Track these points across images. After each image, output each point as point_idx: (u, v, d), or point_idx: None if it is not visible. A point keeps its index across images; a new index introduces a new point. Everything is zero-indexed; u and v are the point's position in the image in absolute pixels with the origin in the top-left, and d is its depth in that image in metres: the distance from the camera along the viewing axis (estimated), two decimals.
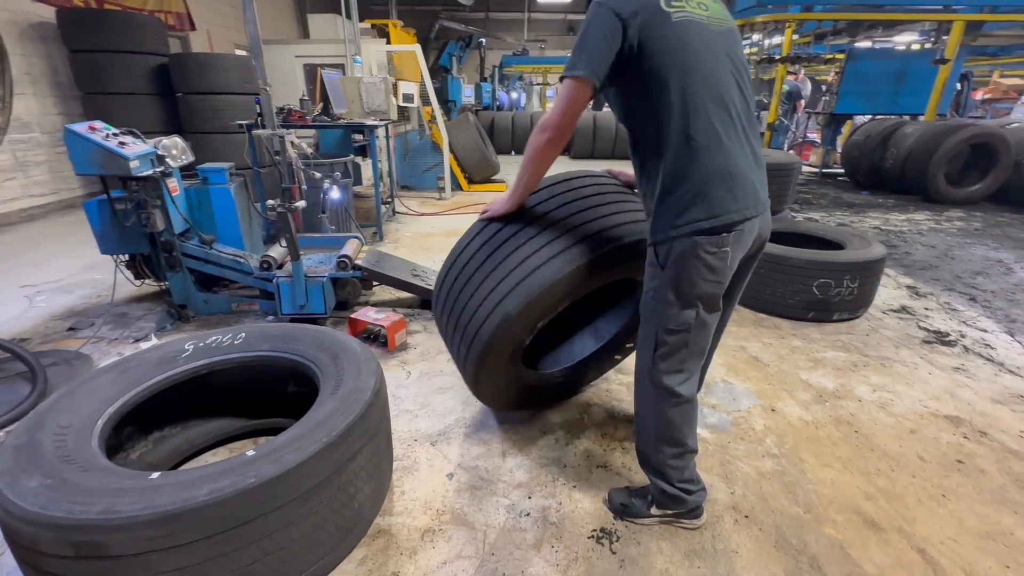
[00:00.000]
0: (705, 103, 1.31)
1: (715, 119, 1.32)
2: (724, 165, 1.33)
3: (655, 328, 1.45)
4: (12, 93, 2.07)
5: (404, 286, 3.23)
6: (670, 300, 1.39)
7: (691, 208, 1.33)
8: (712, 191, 1.32)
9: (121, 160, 2.29)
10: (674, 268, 1.37)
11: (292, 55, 6.56)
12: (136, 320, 3.16)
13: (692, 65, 1.31)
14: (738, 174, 1.35)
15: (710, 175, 1.32)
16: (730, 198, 1.33)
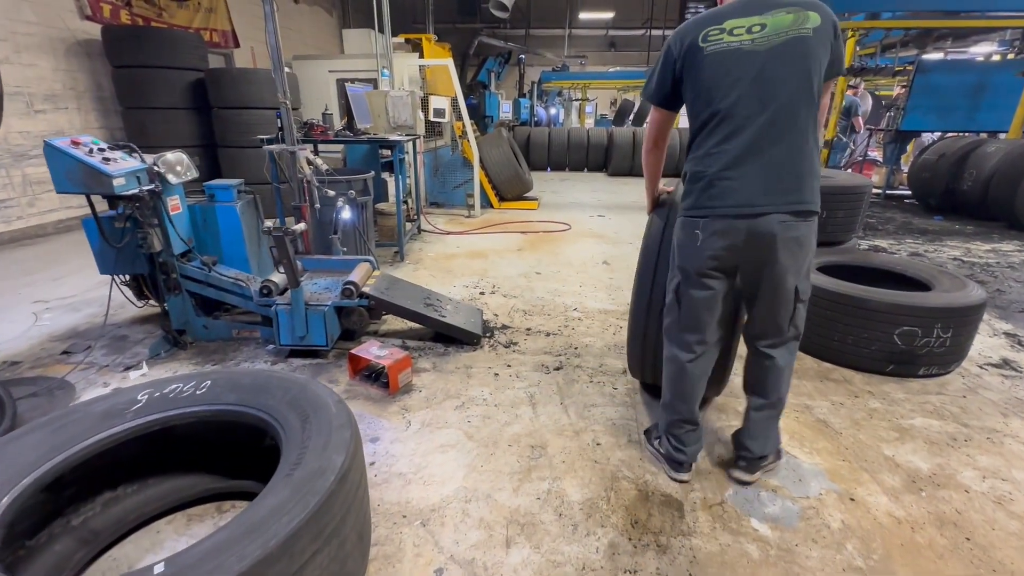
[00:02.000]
0: (710, 121, 1.60)
1: (715, 135, 1.60)
2: (707, 172, 1.61)
3: (669, 288, 1.82)
4: (1, 107, 1.89)
5: (414, 317, 2.92)
6: (672, 263, 1.80)
7: (686, 197, 1.70)
8: (693, 189, 1.66)
9: (103, 177, 2.10)
10: (675, 238, 1.77)
11: (326, 70, 6.50)
12: (134, 344, 2.98)
13: (708, 93, 1.58)
14: (722, 179, 1.59)
15: (695, 178, 1.66)
16: (705, 197, 1.62)
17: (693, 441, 1.87)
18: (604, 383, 2.59)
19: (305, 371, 2.68)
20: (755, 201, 1.54)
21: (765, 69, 1.51)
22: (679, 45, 1.59)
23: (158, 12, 7.00)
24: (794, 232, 1.56)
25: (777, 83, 1.50)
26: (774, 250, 1.57)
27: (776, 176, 1.54)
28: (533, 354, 2.90)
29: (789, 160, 1.54)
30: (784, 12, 1.52)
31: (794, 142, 1.54)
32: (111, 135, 6.31)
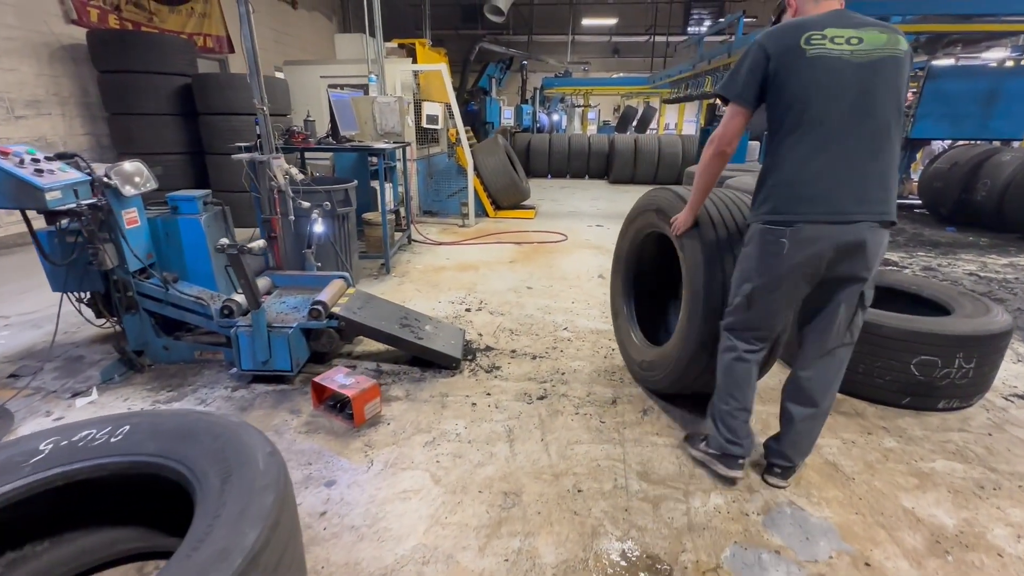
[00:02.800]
0: (802, 126, 1.57)
1: (807, 141, 1.58)
2: (797, 178, 1.60)
3: (733, 293, 1.79)
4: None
5: (388, 339, 2.71)
6: (741, 272, 1.75)
7: (765, 203, 1.66)
8: (777, 195, 1.64)
9: (35, 191, 1.91)
10: (750, 245, 1.72)
11: (317, 76, 6.35)
12: (89, 366, 2.78)
13: (806, 97, 1.55)
14: (814, 186, 1.58)
15: (781, 184, 1.63)
16: (793, 204, 1.60)
17: (748, 433, 1.88)
18: (591, 415, 2.37)
19: (267, 399, 2.47)
20: (848, 209, 1.56)
21: (865, 81, 1.53)
22: (775, 44, 1.57)
23: (148, 17, 6.88)
24: (880, 239, 1.61)
25: (876, 97, 1.54)
26: (862, 257, 1.60)
27: (868, 186, 1.57)
28: (516, 380, 2.68)
29: (881, 173, 1.58)
30: (877, 31, 1.56)
31: (887, 156, 1.58)
32: (97, 141, 6.17)
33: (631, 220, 2.70)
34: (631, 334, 2.74)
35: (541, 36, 18.62)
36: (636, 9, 17.71)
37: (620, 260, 2.87)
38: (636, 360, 2.62)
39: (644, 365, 2.53)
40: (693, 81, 10.45)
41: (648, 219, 2.50)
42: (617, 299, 2.90)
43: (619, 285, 2.88)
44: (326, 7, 12.71)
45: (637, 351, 2.63)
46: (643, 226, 2.58)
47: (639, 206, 2.61)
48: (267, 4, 10.13)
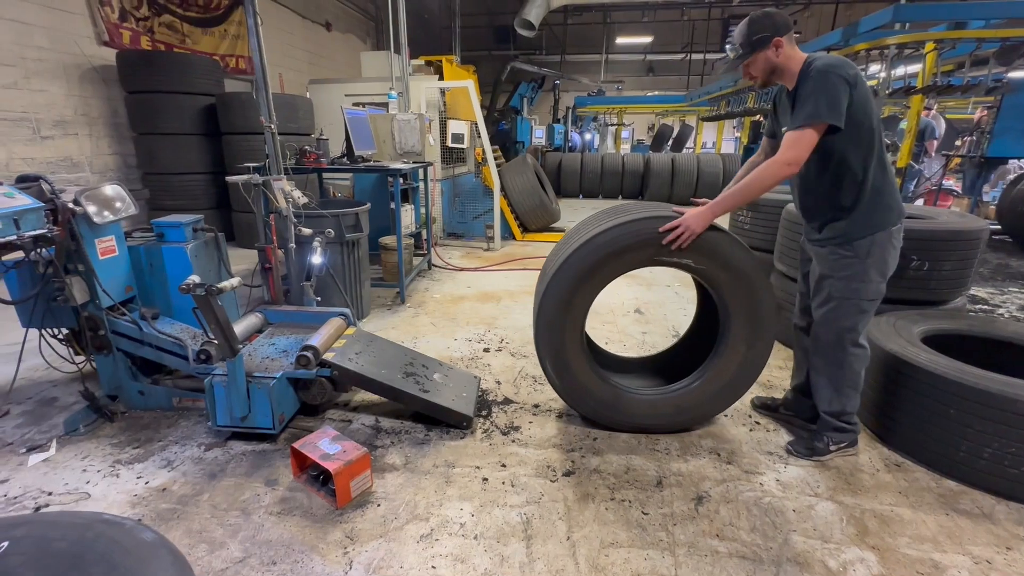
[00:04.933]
0: (877, 145, 1.85)
1: (884, 157, 1.89)
2: (894, 187, 1.92)
3: (856, 302, 1.94)
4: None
5: (387, 392, 2.30)
6: (872, 278, 1.92)
7: (888, 211, 1.89)
8: (887, 203, 1.89)
9: None
10: (871, 255, 1.89)
11: (343, 94, 6.17)
12: (61, 411, 2.48)
13: (877, 120, 1.84)
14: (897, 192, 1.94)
15: (888, 193, 1.90)
16: (900, 208, 1.92)
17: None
18: (630, 503, 1.88)
19: (243, 462, 2.09)
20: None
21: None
22: (853, 74, 1.74)
23: (181, 39, 6.91)
24: None
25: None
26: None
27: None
28: (538, 446, 2.22)
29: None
30: None
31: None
32: (124, 161, 6.14)
33: (604, 260, 2.04)
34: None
35: (574, 56, 18.43)
36: (672, 27, 17.32)
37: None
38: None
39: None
40: (734, 98, 9.93)
41: (645, 254, 2.02)
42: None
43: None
44: (360, 29, 12.84)
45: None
46: (633, 263, 2.06)
47: (620, 240, 2.02)
48: (303, 27, 10.24)
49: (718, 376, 2.19)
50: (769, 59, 1.84)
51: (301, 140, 5.32)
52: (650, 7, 16.39)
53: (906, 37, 5.27)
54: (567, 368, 2.20)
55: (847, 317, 1.95)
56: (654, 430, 2.30)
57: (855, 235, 1.87)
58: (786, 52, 1.83)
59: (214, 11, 7.39)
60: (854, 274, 1.90)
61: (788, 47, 1.83)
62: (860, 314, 1.94)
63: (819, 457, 2.12)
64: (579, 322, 2.15)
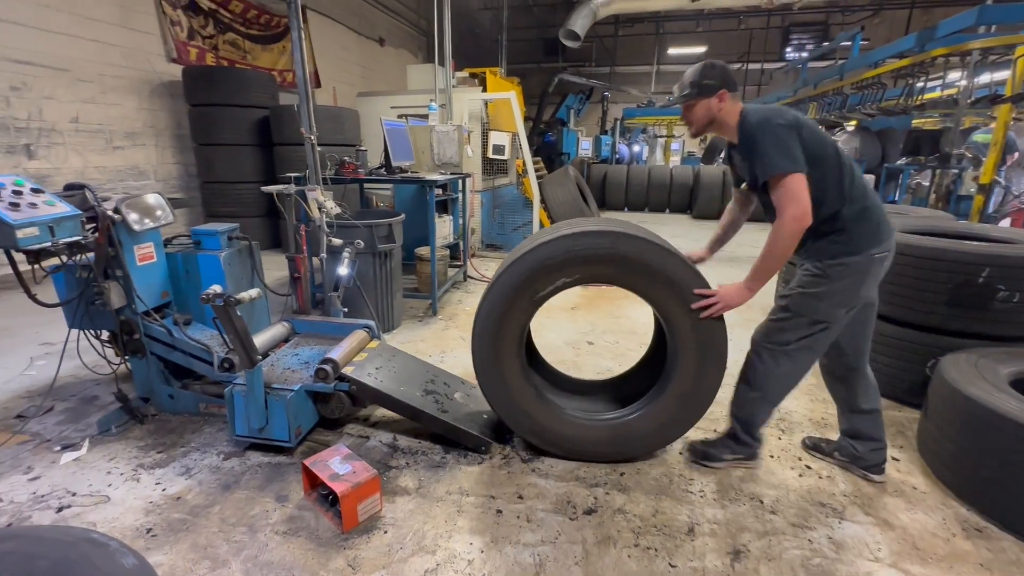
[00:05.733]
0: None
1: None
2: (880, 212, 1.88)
3: (807, 318, 1.87)
4: None
5: (405, 411, 2.22)
6: (837, 300, 1.83)
7: (865, 238, 1.82)
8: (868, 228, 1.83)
9: (4, 227, 1.67)
10: (847, 278, 1.81)
11: (388, 106, 6.30)
12: (99, 410, 2.57)
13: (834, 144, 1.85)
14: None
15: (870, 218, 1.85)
16: (884, 233, 1.84)
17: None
18: (656, 552, 1.70)
19: (257, 475, 2.07)
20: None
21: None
22: (790, 117, 1.76)
23: (243, 55, 7.30)
24: None
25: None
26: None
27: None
28: (559, 478, 2.07)
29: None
30: None
31: None
32: (185, 170, 6.51)
33: (536, 275, 1.97)
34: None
35: (624, 67, 18.20)
36: (728, 36, 16.77)
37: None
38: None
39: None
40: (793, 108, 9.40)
41: (581, 272, 1.96)
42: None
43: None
44: (412, 44, 13.20)
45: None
46: (569, 280, 1.98)
47: (553, 256, 1.95)
48: (357, 42, 10.63)
49: (662, 410, 2.06)
50: (710, 108, 1.85)
51: (344, 151, 5.45)
52: (705, 16, 15.97)
53: (992, 41, 4.78)
54: (502, 382, 2.10)
55: (790, 331, 1.89)
56: (591, 458, 2.16)
57: (829, 255, 1.81)
58: (727, 107, 1.84)
59: (274, 29, 7.78)
60: (817, 293, 1.83)
61: (730, 102, 1.85)
62: (802, 329, 1.87)
63: (710, 463, 2.12)
64: (515, 336, 2.07)
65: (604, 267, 1.93)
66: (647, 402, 2.11)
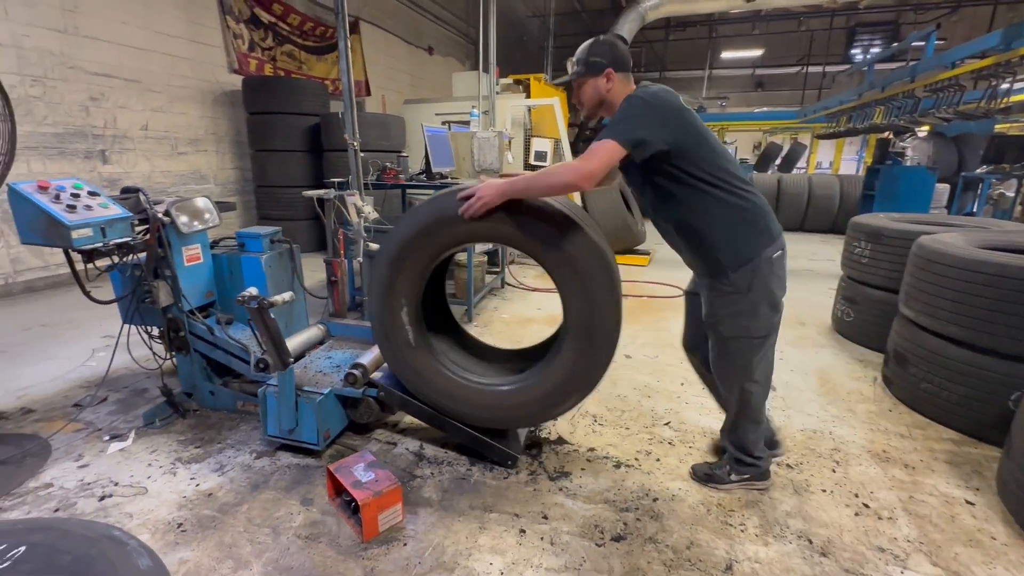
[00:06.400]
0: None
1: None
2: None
3: (748, 340, 1.78)
4: (15, 151, 1.64)
5: (431, 420, 2.19)
6: (762, 312, 1.75)
7: (762, 235, 1.75)
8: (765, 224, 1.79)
9: (61, 228, 1.77)
10: (759, 285, 1.73)
11: (433, 113, 6.39)
12: (147, 403, 2.69)
13: (720, 146, 1.76)
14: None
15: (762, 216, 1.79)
16: (775, 230, 1.79)
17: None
18: None
19: (285, 476, 2.09)
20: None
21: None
22: (665, 98, 1.67)
23: (299, 65, 7.63)
24: None
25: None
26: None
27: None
28: (588, 499, 1.97)
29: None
30: None
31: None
32: (242, 175, 6.84)
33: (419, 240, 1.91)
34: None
35: (674, 72, 17.77)
36: (786, 38, 16.05)
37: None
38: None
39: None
40: (857, 113, 8.85)
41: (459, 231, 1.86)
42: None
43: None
44: (459, 52, 13.41)
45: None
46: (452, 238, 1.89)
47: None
48: (406, 51, 10.90)
49: (543, 385, 1.97)
50: (598, 88, 1.75)
51: (389, 157, 5.56)
52: (762, 18, 15.36)
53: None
54: (396, 333, 2.04)
55: (741, 355, 1.82)
56: (473, 421, 2.11)
57: (730, 267, 1.72)
58: (616, 88, 1.74)
59: (328, 40, 8.09)
60: (741, 310, 1.75)
61: (620, 83, 1.74)
62: (754, 351, 1.80)
63: (717, 485, 2.02)
64: (410, 292, 1.99)
65: (490, 224, 1.80)
66: (530, 376, 2.03)
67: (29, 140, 4.55)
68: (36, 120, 4.60)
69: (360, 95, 9.02)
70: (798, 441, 2.41)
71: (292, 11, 7.43)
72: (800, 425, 2.55)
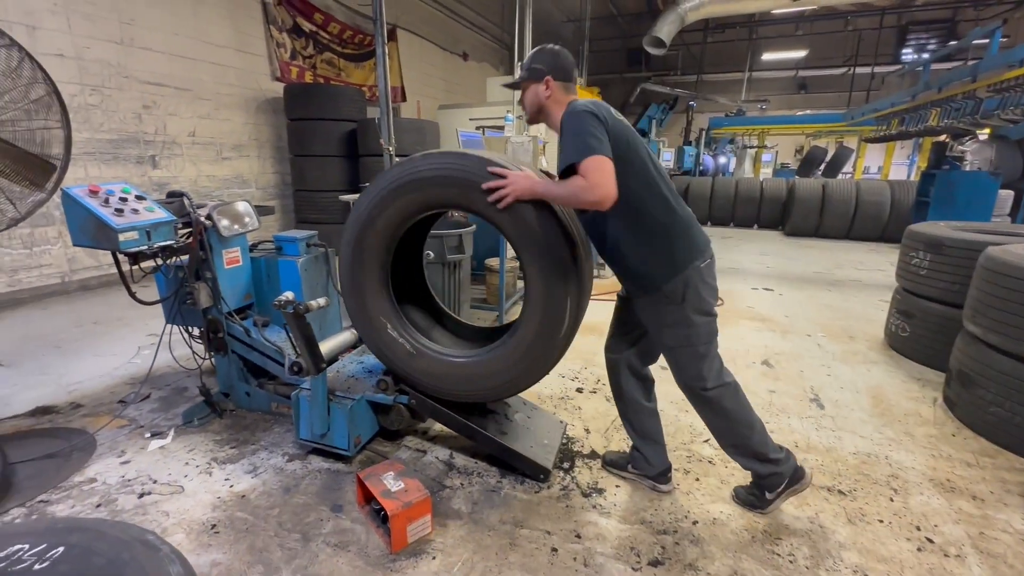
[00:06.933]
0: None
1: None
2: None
3: (691, 348, 1.76)
4: (70, 156, 1.70)
5: (463, 430, 2.15)
6: (697, 321, 1.74)
7: (685, 252, 1.73)
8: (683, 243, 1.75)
9: (110, 231, 1.82)
10: (691, 296, 1.72)
11: (467, 118, 6.41)
12: (187, 401, 2.76)
13: (651, 160, 1.72)
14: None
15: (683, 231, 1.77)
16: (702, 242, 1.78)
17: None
18: None
19: (316, 480, 2.09)
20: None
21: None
22: (600, 111, 1.64)
23: (337, 72, 7.81)
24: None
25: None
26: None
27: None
28: (622, 519, 1.89)
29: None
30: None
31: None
32: (282, 179, 7.04)
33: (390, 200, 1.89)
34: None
35: (712, 75, 17.36)
36: (831, 39, 15.46)
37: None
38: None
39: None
40: (911, 115, 8.40)
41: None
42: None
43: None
44: (494, 57, 13.48)
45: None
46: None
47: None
48: (442, 58, 11.03)
49: (498, 361, 1.94)
50: (538, 94, 1.76)
51: None
52: (806, 18, 14.85)
53: None
54: (363, 297, 2.04)
55: (690, 365, 1.80)
56: (435, 392, 2.09)
57: (661, 279, 1.71)
58: (554, 96, 1.75)
59: (367, 47, 8.25)
60: (678, 320, 1.75)
61: (559, 92, 1.75)
62: (700, 359, 1.78)
63: (760, 510, 1.93)
64: (376, 260, 1.99)
65: (440, 189, 1.80)
66: (487, 352, 1.99)
67: (87, 146, 4.80)
68: (94, 127, 4.84)
69: (396, 101, 9.16)
70: (850, 465, 2.25)
71: (332, 20, 7.61)
72: (852, 447, 2.39)
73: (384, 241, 1.97)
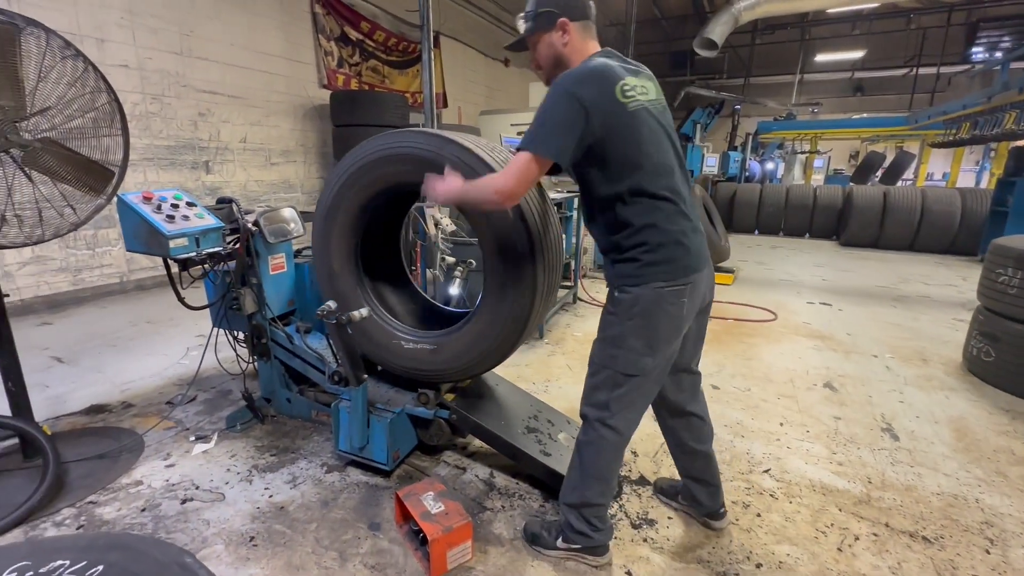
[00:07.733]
0: (648, 183, 1.41)
1: (661, 196, 1.43)
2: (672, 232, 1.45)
3: (612, 373, 1.51)
4: (127, 162, 1.74)
5: (504, 449, 2.05)
6: (632, 346, 1.46)
7: (653, 265, 1.44)
8: (664, 257, 1.44)
9: (161, 237, 1.83)
10: (639, 316, 1.45)
11: (508, 124, 6.36)
12: (231, 405, 2.78)
13: (639, 154, 1.40)
14: (684, 239, 1.46)
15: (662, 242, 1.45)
16: (683, 259, 1.45)
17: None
18: None
19: (354, 495, 2.04)
20: (704, 254, 1.54)
21: (670, 138, 1.49)
22: (592, 91, 1.34)
23: (382, 79, 7.93)
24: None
25: (676, 153, 1.50)
26: (709, 302, 1.63)
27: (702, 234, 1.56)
28: (676, 555, 1.74)
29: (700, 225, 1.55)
30: (647, 79, 1.51)
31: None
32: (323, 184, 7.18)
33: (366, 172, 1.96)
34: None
35: (760, 78, 16.73)
36: (891, 38, 14.62)
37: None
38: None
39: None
40: (985, 118, 7.78)
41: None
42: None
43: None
44: None
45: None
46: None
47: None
48: (484, 64, 11.07)
49: (458, 343, 1.97)
50: (553, 44, 1.47)
51: None
52: (864, 17, 14.12)
53: None
54: (335, 278, 2.15)
55: (602, 389, 1.54)
56: (398, 371, 2.16)
57: (615, 284, 1.51)
58: (573, 43, 1.46)
59: (410, 55, 8.35)
60: (611, 336, 1.51)
61: (578, 37, 1.46)
62: (615, 388, 1.52)
63: (540, 548, 1.73)
64: (347, 236, 2.09)
65: (403, 165, 1.82)
66: (446, 334, 2.01)
67: (147, 152, 5.01)
68: (153, 134, 5.06)
69: (438, 107, 9.23)
70: (935, 508, 2.01)
71: (378, 28, 7.74)
72: (935, 487, 2.14)
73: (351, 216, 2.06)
